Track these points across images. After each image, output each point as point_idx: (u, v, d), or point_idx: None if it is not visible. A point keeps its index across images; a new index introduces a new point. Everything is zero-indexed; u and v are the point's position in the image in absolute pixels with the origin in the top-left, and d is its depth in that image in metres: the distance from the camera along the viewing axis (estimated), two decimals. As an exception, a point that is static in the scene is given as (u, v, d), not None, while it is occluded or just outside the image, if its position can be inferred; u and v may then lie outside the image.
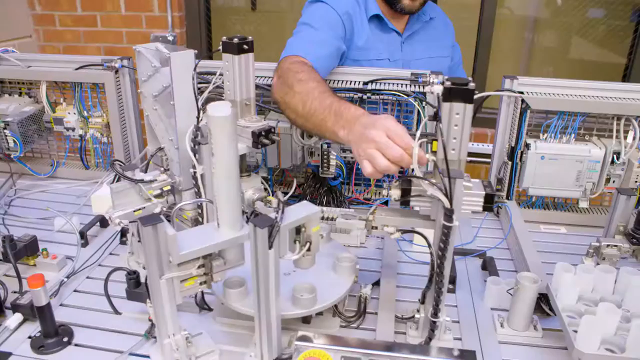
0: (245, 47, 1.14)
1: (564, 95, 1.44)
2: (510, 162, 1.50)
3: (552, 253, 1.36)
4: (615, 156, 1.43)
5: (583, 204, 1.50)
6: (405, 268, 1.29)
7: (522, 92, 1.44)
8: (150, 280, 0.86)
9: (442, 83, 0.87)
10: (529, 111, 1.44)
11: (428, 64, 1.61)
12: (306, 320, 1.06)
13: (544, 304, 1.09)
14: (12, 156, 1.68)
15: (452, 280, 1.20)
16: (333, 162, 1.43)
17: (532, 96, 1.43)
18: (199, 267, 0.89)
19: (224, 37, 1.15)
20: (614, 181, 1.47)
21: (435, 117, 0.88)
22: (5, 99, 1.72)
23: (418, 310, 1.03)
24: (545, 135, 1.46)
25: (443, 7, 1.86)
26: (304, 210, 0.89)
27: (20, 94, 1.74)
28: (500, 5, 2.81)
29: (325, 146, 1.41)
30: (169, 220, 0.86)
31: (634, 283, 1.02)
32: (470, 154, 2.57)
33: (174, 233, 0.83)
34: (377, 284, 1.20)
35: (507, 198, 1.55)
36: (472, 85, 0.85)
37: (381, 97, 1.45)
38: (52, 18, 3.06)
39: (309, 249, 0.91)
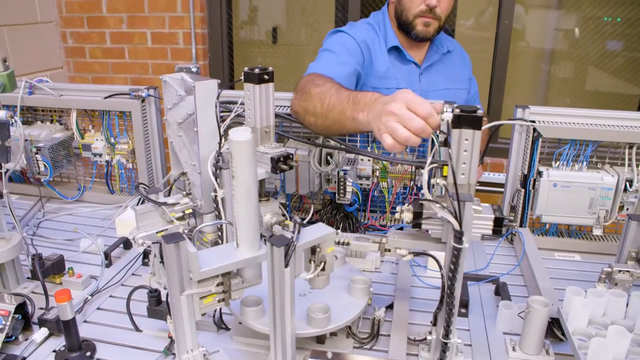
0: (266, 77, 1.20)
1: (575, 124, 1.46)
2: (523, 190, 1.53)
3: (565, 280, 1.37)
4: (628, 184, 1.45)
5: (597, 232, 1.50)
6: (419, 292, 1.31)
7: (533, 121, 1.47)
8: (171, 296, 0.90)
9: (452, 111, 0.91)
10: (540, 139, 1.47)
11: (445, 95, 1.65)
12: (320, 340, 1.08)
13: (556, 329, 1.10)
14: (42, 180, 1.76)
15: (465, 305, 1.22)
16: (349, 189, 1.47)
17: (543, 125, 1.46)
18: (217, 284, 0.93)
19: (246, 68, 1.21)
20: (627, 209, 1.48)
21: (445, 143, 0.92)
22: (38, 125, 1.81)
23: (430, 332, 1.05)
24: (558, 163, 1.48)
25: (458, 39, 1.91)
26: (319, 231, 0.93)
27: (51, 121, 1.83)
28: (518, 39, 2.86)
29: (341, 173, 1.45)
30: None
31: (646, 308, 1.03)
32: (485, 184, 2.59)
33: (195, 251, 0.87)
34: (390, 307, 1.22)
35: (521, 225, 1.56)
36: (480, 112, 0.89)
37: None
38: (83, 50, 3.21)
39: (323, 269, 0.94)
